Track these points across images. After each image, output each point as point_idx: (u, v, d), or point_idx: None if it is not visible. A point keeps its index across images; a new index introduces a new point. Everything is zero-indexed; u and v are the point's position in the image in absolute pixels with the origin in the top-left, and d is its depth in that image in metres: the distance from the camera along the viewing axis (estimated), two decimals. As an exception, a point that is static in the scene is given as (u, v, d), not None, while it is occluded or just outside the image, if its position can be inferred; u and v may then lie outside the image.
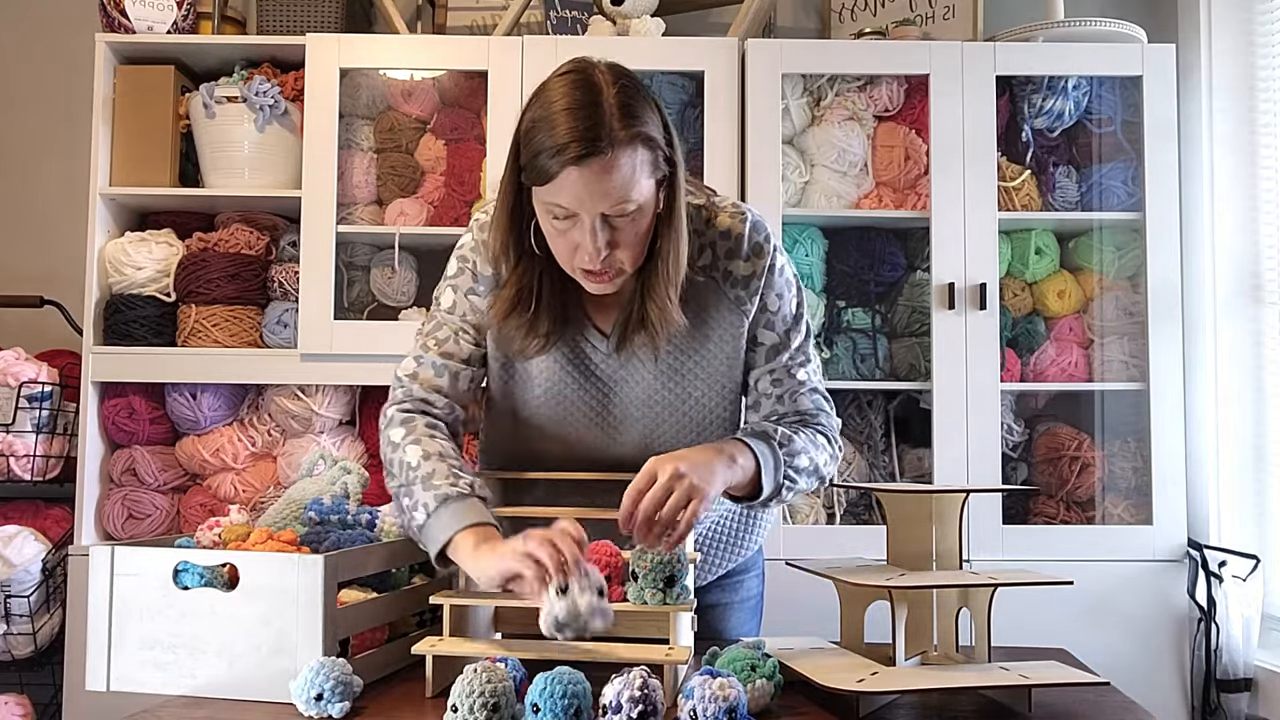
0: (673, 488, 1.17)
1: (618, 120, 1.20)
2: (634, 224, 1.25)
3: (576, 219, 1.24)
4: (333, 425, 2.55)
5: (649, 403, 1.41)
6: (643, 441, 1.41)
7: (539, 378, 1.41)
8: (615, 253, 1.26)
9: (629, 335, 1.36)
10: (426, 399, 1.40)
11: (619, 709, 1.00)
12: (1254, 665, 2.33)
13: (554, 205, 1.24)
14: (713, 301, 1.39)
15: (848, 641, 1.35)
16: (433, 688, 1.20)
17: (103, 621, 1.22)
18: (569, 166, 1.19)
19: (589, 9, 2.63)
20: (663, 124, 1.27)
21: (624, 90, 1.23)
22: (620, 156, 1.20)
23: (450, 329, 1.42)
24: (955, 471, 2.41)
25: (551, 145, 1.19)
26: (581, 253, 1.26)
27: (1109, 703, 1.20)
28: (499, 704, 1.01)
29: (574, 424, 1.42)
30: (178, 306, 2.53)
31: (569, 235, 1.26)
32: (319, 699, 1.11)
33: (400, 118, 2.62)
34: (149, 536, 2.49)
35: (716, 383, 1.41)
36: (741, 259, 1.38)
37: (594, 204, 1.22)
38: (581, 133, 1.19)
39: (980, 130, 2.47)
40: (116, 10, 2.55)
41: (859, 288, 2.58)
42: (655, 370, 1.40)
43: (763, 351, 1.42)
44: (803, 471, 1.36)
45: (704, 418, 1.42)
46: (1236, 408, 2.47)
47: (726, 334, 1.40)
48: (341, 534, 1.39)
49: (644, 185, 1.24)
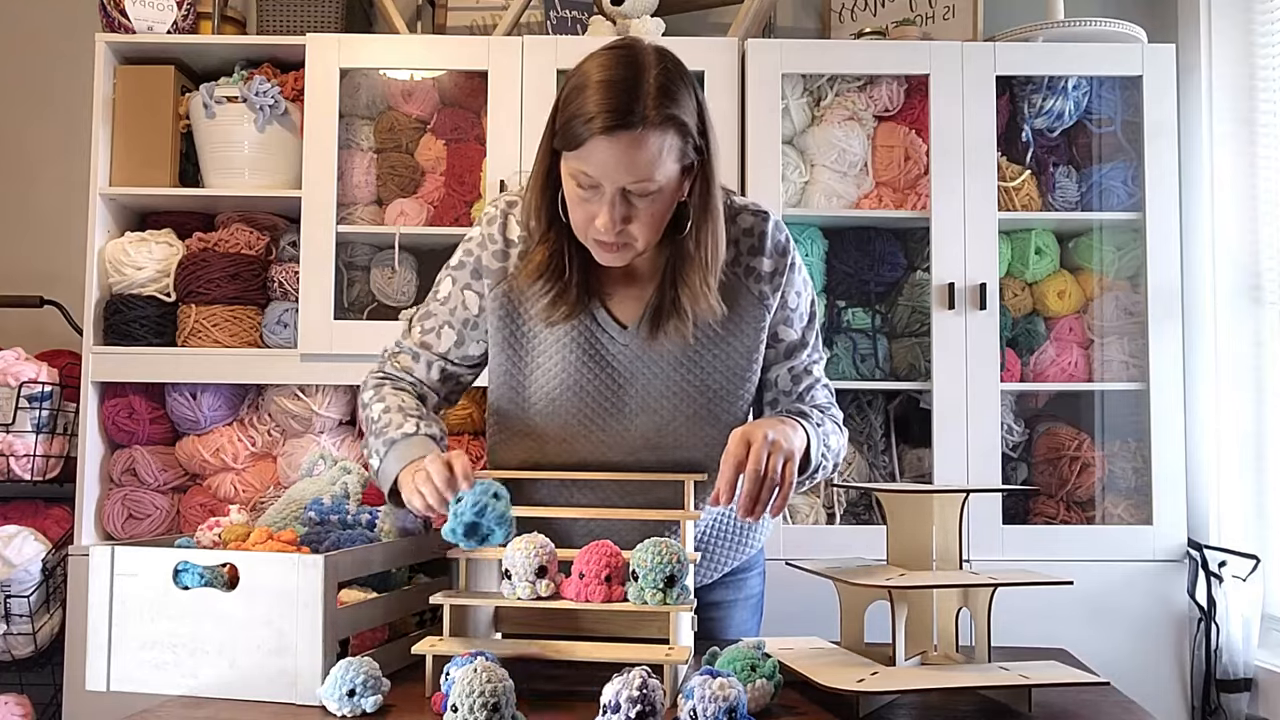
0: (770, 451, 1.23)
1: (653, 100, 1.24)
2: (652, 204, 1.29)
3: (599, 189, 1.27)
4: (333, 425, 2.55)
5: (667, 392, 1.42)
6: (655, 430, 1.42)
7: (551, 364, 1.42)
8: (629, 228, 1.29)
9: (662, 322, 1.38)
10: (397, 375, 1.49)
11: (618, 709, 1.00)
12: (1254, 665, 2.33)
13: (579, 172, 1.27)
14: (735, 296, 1.41)
15: (848, 641, 1.35)
16: (432, 688, 1.20)
17: (103, 621, 1.22)
18: (598, 136, 1.23)
19: (589, 9, 2.63)
20: (699, 113, 1.30)
21: (666, 73, 1.27)
22: (650, 135, 1.24)
23: (436, 321, 1.47)
24: (955, 471, 2.41)
25: (585, 113, 1.23)
26: (598, 223, 1.29)
27: (1109, 703, 1.20)
28: (499, 704, 1.01)
29: (587, 412, 1.43)
30: (178, 306, 2.53)
31: (588, 205, 1.29)
32: (351, 695, 1.12)
33: (400, 118, 2.62)
34: (149, 536, 2.49)
35: (736, 375, 1.43)
36: (765, 256, 1.42)
37: (617, 176, 1.25)
38: (616, 105, 1.22)
39: (980, 130, 2.47)
40: (116, 10, 2.55)
41: (859, 288, 2.58)
42: (676, 360, 1.41)
43: (783, 348, 1.47)
44: (832, 451, 1.42)
45: (720, 409, 1.43)
46: (1236, 408, 2.47)
47: (749, 328, 1.42)
48: (341, 534, 1.39)
49: (668, 168, 1.27)
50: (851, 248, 2.57)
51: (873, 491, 2.20)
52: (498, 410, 1.49)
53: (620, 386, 1.42)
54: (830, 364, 2.52)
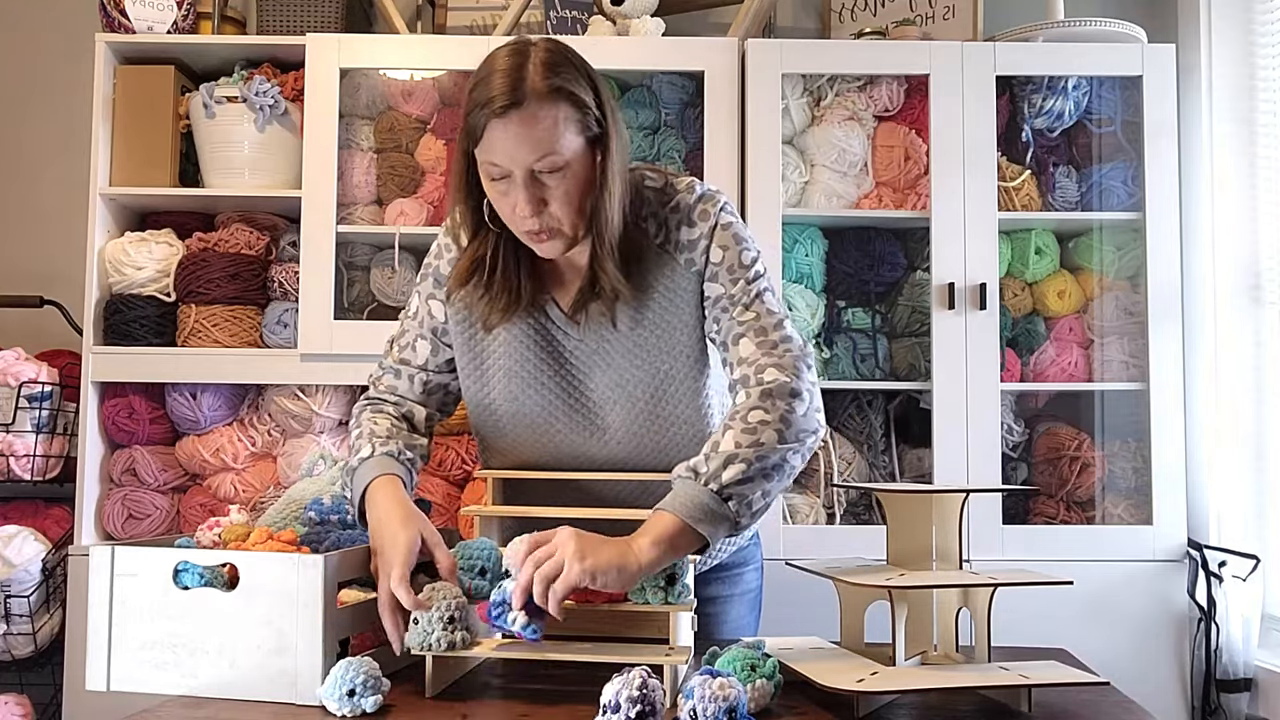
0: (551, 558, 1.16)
1: (539, 75, 1.27)
2: (564, 181, 1.30)
3: (511, 178, 1.30)
4: (333, 425, 2.55)
5: (623, 381, 1.43)
6: (624, 428, 1.43)
7: (511, 364, 1.44)
8: (549, 210, 1.31)
9: (585, 304, 1.41)
10: (382, 398, 1.52)
11: (618, 709, 1.00)
12: (1254, 665, 2.33)
13: (489, 164, 1.30)
14: (668, 273, 1.41)
15: (848, 641, 1.35)
16: (432, 688, 1.20)
17: (103, 621, 1.22)
18: (493, 120, 1.26)
19: (589, 9, 2.63)
20: (593, 88, 1.32)
21: (550, 53, 1.30)
22: (541, 109, 1.26)
23: (410, 336, 1.52)
24: (955, 471, 2.41)
25: (479, 102, 1.27)
26: (516, 210, 1.31)
27: (1109, 702, 1.20)
28: (454, 617, 1.16)
29: (551, 409, 1.44)
30: (178, 306, 2.53)
31: (508, 196, 1.32)
32: (351, 695, 1.12)
33: (400, 118, 2.62)
34: (149, 536, 2.49)
35: (681, 352, 1.42)
36: (687, 224, 1.42)
37: (521, 157, 1.27)
38: (505, 87, 1.26)
39: (980, 130, 2.47)
40: (116, 10, 2.55)
41: (859, 288, 2.58)
42: (625, 349, 1.42)
43: (713, 305, 1.39)
44: (755, 482, 1.26)
45: (674, 390, 1.43)
46: (1236, 408, 2.47)
47: (686, 301, 1.41)
48: (341, 534, 1.39)
49: (569, 140, 1.29)
50: (851, 248, 2.57)
51: (873, 491, 2.20)
52: (472, 416, 1.52)
53: (579, 381, 1.44)
54: (830, 364, 2.52)
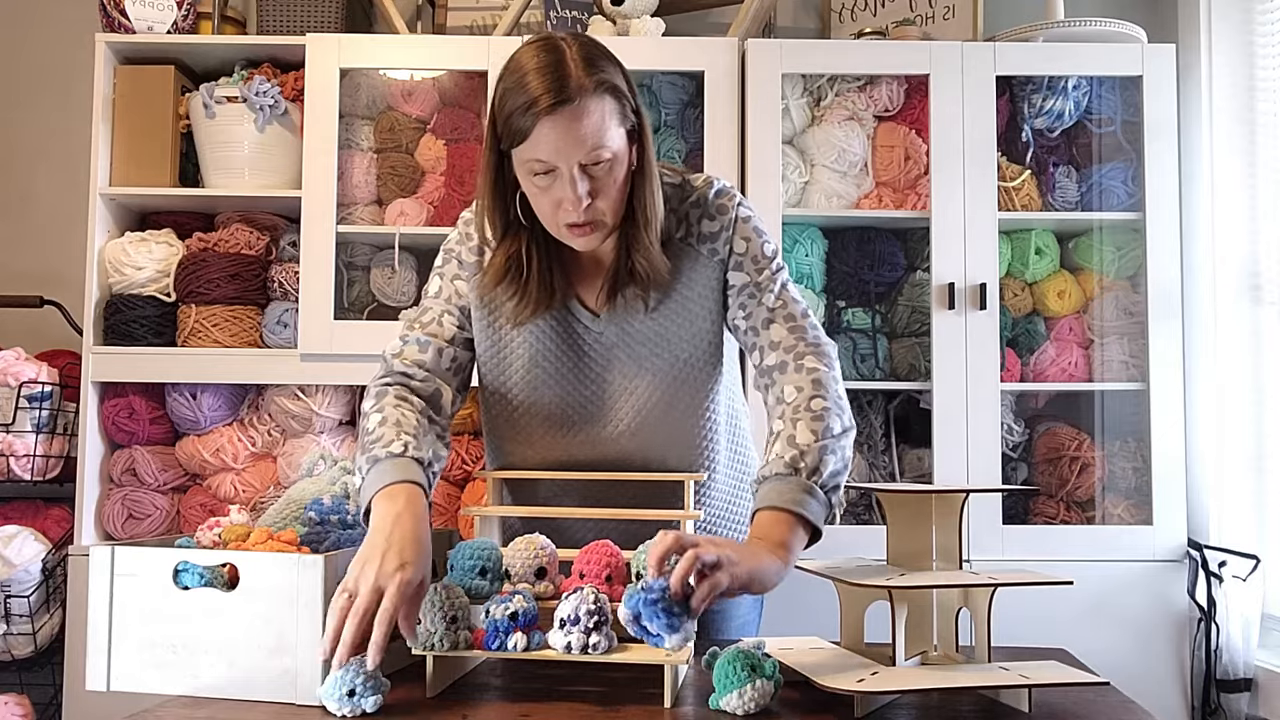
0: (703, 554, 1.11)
1: (582, 70, 1.27)
2: (610, 173, 1.31)
3: (556, 174, 1.29)
4: (333, 425, 2.55)
5: (641, 371, 1.44)
6: (635, 413, 1.44)
7: (533, 354, 1.44)
8: (596, 203, 1.31)
9: (618, 289, 1.41)
10: (406, 372, 1.41)
11: (577, 621, 1.14)
12: (1254, 665, 2.33)
13: (533, 161, 1.29)
14: (693, 264, 1.43)
15: (848, 641, 1.35)
16: (432, 688, 1.20)
17: (103, 621, 1.22)
18: (542, 119, 1.25)
19: (589, 9, 2.63)
20: (625, 79, 1.34)
21: (584, 46, 1.31)
22: (589, 103, 1.27)
23: (435, 311, 1.47)
24: (955, 471, 2.41)
25: (524, 102, 1.26)
26: (565, 206, 1.31)
27: (1109, 702, 1.20)
28: (456, 617, 1.17)
29: (569, 402, 1.44)
30: (178, 306, 2.53)
31: (551, 192, 1.31)
32: (351, 695, 1.12)
33: (400, 118, 2.62)
34: (149, 536, 2.49)
35: (700, 339, 1.44)
36: (708, 217, 1.44)
37: (571, 153, 1.27)
38: (550, 85, 1.25)
39: (980, 130, 2.47)
40: (116, 10, 2.55)
41: (859, 288, 2.58)
42: (646, 338, 1.43)
43: (737, 293, 1.43)
44: (842, 473, 1.33)
45: (690, 377, 1.44)
46: (1236, 408, 2.47)
47: (707, 290, 1.44)
48: (341, 534, 1.39)
49: (615, 133, 1.30)
50: (851, 248, 2.57)
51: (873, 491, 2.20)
52: (484, 402, 1.51)
53: (597, 373, 1.44)
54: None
